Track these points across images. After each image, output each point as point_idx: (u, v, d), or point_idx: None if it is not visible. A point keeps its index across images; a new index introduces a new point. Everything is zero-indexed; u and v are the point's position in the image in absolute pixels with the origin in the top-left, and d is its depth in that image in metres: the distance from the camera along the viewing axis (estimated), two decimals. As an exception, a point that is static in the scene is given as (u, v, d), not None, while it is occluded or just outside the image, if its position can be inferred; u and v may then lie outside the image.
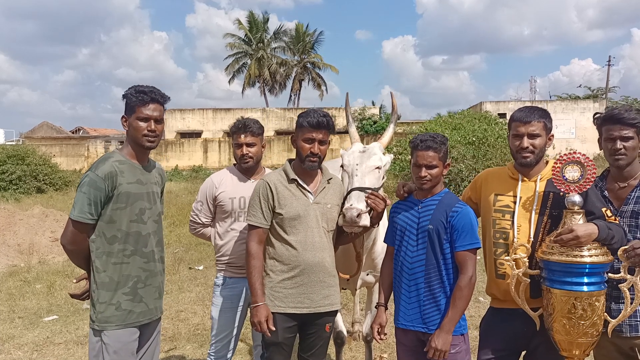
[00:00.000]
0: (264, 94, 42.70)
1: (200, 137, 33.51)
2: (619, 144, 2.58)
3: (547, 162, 2.72)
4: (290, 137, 2.92)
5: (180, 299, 6.55)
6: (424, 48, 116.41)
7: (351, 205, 2.74)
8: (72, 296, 2.79)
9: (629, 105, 2.77)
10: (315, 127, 2.77)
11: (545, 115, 2.69)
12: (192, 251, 9.47)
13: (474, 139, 13.79)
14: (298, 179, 2.84)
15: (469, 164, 12.68)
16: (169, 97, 2.70)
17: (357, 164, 2.91)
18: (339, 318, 3.84)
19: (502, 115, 25.52)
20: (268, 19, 43.21)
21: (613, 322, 2.46)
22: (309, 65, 43.41)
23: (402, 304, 2.77)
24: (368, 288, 3.85)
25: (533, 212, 2.63)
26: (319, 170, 2.91)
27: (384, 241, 2.95)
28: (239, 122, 3.29)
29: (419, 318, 2.69)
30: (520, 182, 2.71)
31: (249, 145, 3.25)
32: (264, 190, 2.80)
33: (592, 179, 2.48)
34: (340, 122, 34.19)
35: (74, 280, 2.88)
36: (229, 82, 43.20)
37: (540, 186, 2.66)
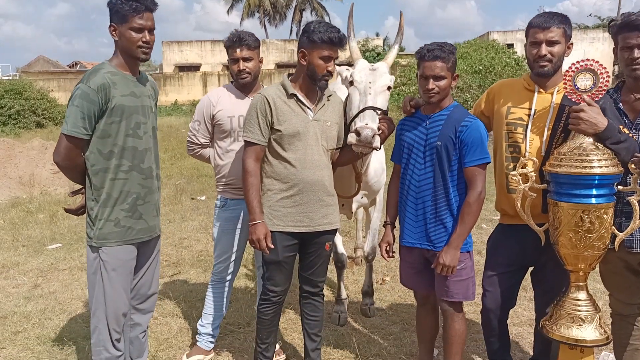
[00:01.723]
0: (264, 25, 41.57)
1: (198, 70, 32.88)
2: (637, 53, 2.42)
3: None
4: (298, 52, 2.72)
5: (183, 227, 6.57)
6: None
7: (367, 124, 2.61)
8: (67, 211, 2.73)
9: None
10: (336, 45, 2.63)
11: (565, 21, 2.54)
12: (194, 182, 9.46)
13: (480, 67, 13.42)
14: (298, 94, 2.71)
15: (474, 94, 12.42)
16: (158, 4, 2.54)
17: (369, 82, 2.76)
18: (339, 241, 3.84)
19: (510, 46, 24.81)
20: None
21: (621, 236, 2.41)
22: (310, -7, 41.92)
23: (407, 222, 2.74)
24: (365, 209, 3.83)
25: (547, 126, 2.55)
26: None
27: (391, 159, 2.89)
28: (233, 35, 3.09)
29: (424, 236, 2.68)
30: (536, 94, 2.60)
31: (245, 59, 3.07)
32: (262, 105, 2.67)
33: (606, 88, 2.37)
34: (343, 54, 33.44)
35: (69, 194, 2.81)
36: (228, 12, 41.98)
37: (557, 98, 2.55)
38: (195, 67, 33.15)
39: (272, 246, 2.68)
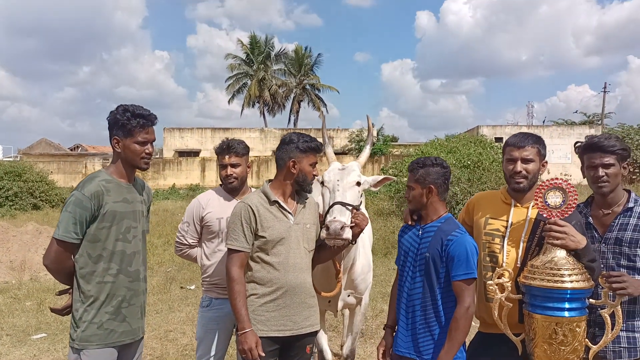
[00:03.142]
0: (263, 115, 42.96)
1: (198, 155, 33.61)
2: (601, 172, 2.60)
3: None
4: (288, 161, 2.84)
5: (170, 319, 6.50)
6: (423, 71, 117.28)
7: (334, 218, 2.79)
8: (53, 310, 2.77)
9: (608, 133, 2.84)
10: (320, 151, 2.87)
11: (539, 142, 2.72)
12: (185, 270, 9.41)
13: (469, 162, 13.82)
14: (279, 200, 2.85)
15: (463, 187, 12.68)
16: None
17: (337, 180, 2.98)
18: (324, 340, 3.82)
19: (499, 139, 25.72)
20: (273, 42, 43.57)
21: (594, 348, 2.45)
22: (308, 87, 43.70)
23: (399, 330, 2.75)
24: (350, 310, 3.84)
25: (522, 238, 2.65)
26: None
27: (395, 263, 2.94)
28: (223, 143, 3.31)
29: (413, 346, 2.67)
30: (512, 207, 2.73)
31: (233, 165, 3.27)
32: (246, 213, 2.77)
33: (574, 205, 2.50)
34: (337, 142, 34.37)
35: (56, 293, 2.86)
36: (229, 102, 43.47)
37: (532, 213, 2.67)
38: (194, 153, 33.92)
39: (264, 354, 2.67)
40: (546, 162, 2.79)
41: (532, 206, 2.68)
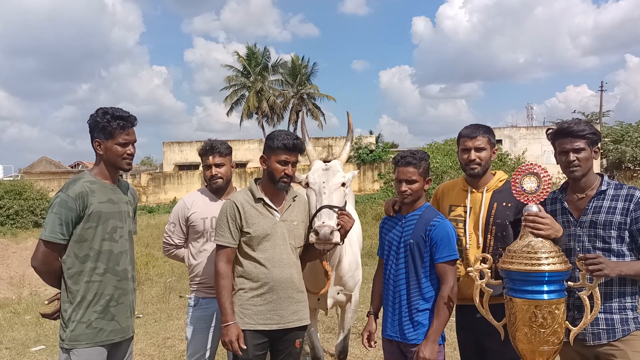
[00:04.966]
0: (262, 126, 43.02)
1: (198, 169, 33.69)
2: (572, 156, 2.65)
3: (494, 174, 2.99)
4: (260, 158, 2.97)
5: (168, 327, 6.53)
6: (421, 77, 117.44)
7: (324, 222, 2.81)
8: (43, 315, 2.81)
9: (577, 118, 2.93)
10: (290, 150, 2.84)
11: (489, 132, 2.95)
12: (185, 280, 9.42)
13: (465, 164, 13.93)
14: (265, 198, 2.89)
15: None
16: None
17: (323, 182, 2.99)
18: (315, 337, 3.85)
19: (498, 142, 25.71)
20: (269, 52, 43.71)
21: (574, 330, 2.49)
22: (305, 96, 43.80)
23: (387, 315, 2.90)
24: (341, 307, 3.87)
25: (480, 221, 2.85)
26: None
27: (377, 254, 3.06)
28: (206, 144, 3.36)
29: (400, 329, 2.81)
30: (469, 194, 2.94)
31: (217, 165, 3.31)
32: (232, 210, 2.84)
33: (548, 190, 2.56)
34: (337, 151, 34.41)
35: (46, 302, 2.90)
36: (227, 114, 43.43)
37: (487, 197, 2.88)
38: (194, 166, 34.00)
39: (245, 347, 2.73)
40: (496, 150, 3.02)
41: (487, 190, 2.91)
